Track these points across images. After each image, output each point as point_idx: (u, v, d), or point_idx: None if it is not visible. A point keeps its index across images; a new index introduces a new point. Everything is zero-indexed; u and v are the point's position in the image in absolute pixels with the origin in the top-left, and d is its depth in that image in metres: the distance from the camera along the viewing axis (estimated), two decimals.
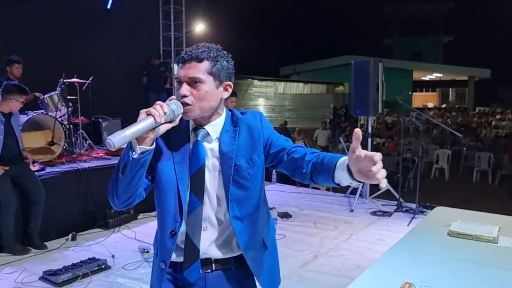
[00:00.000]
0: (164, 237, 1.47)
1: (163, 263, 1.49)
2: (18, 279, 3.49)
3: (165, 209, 1.46)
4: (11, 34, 6.09)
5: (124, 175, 1.32)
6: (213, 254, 1.50)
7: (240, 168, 1.46)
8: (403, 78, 25.99)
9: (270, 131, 1.54)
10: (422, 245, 2.09)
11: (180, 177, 1.44)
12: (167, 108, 1.30)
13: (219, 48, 1.44)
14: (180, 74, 1.39)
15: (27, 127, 4.91)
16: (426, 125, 16.45)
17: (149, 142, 1.30)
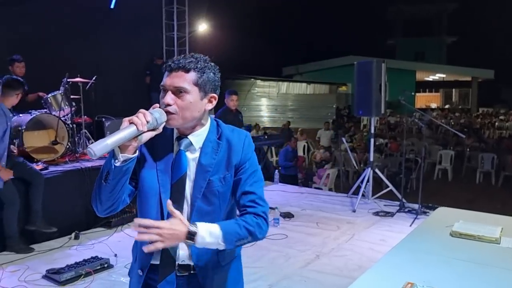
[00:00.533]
0: (144, 243, 1.42)
1: (141, 271, 1.49)
2: (21, 277, 3.50)
3: (146, 215, 1.44)
4: (16, 34, 6.11)
5: (107, 183, 1.33)
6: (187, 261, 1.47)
7: (212, 183, 1.45)
8: (406, 79, 25.94)
9: (249, 157, 1.50)
10: (424, 245, 2.09)
11: (163, 185, 1.44)
12: (150, 117, 1.30)
13: (206, 60, 1.44)
14: (166, 82, 1.40)
15: (30, 126, 4.93)
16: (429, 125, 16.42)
17: (132, 150, 1.31)
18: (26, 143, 4.84)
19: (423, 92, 34.95)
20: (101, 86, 6.20)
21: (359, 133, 14.19)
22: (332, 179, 8.44)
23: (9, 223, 3.99)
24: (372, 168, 6.10)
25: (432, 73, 32.68)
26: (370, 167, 6.09)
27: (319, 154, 10.27)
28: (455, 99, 35.11)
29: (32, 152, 4.90)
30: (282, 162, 8.55)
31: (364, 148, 10.81)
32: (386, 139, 12.55)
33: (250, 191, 1.47)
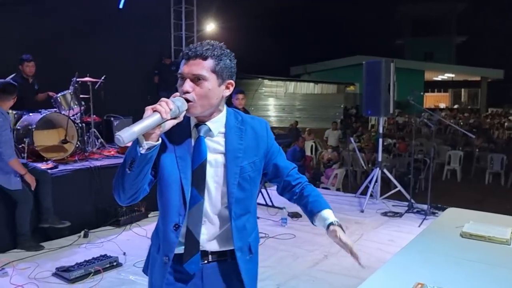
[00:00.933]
0: (168, 230, 1.49)
1: (166, 257, 1.51)
2: (31, 274, 3.54)
3: (169, 203, 1.48)
4: (26, 34, 6.17)
5: (131, 171, 1.34)
6: (210, 247, 1.53)
7: (244, 169, 1.50)
8: (415, 79, 25.77)
9: (272, 142, 1.62)
10: (434, 246, 2.08)
11: (183, 171, 1.46)
12: (172, 105, 1.32)
13: (222, 47, 1.45)
14: (184, 70, 1.41)
15: (40, 126, 4.97)
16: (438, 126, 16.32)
17: (155, 138, 1.33)
18: (36, 142, 4.89)
19: (432, 92, 34.71)
20: (110, 85, 6.24)
21: (367, 133, 14.13)
22: (340, 179, 8.42)
23: (22, 221, 4.03)
24: (381, 168, 6.07)
25: (441, 73, 32.45)
26: (378, 167, 6.07)
27: (327, 154, 10.24)
28: (464, 99, 34.83)
29: (42, 151, 4.95)
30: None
31: (372, 148, 10.76)
32: (394, 139, 12.47)
33: (291, 168, 1.66)
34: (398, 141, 11.74)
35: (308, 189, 1.65)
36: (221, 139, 1.50)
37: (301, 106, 22.22)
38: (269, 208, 5.52)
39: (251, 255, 1.59)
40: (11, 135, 4.01)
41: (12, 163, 3.90)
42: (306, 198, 1.63)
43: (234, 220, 1.50)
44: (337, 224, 1.54)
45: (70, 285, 3.37)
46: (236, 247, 1.53)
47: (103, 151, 5.87)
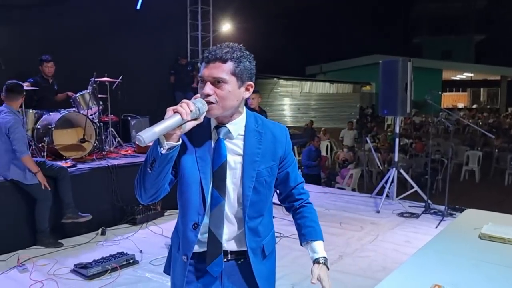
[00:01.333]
0: (186, 229, 1.51)
1: (185, 256, 1.53)
2: (50, 271, 3.61)
3: (188, 202, 1.50)
4: (46, 35, 6.28)
5: (152, 170, 1.37)
6: (229, 247, 1.55)
7: (260, 173, 1.52)
8: (433, 78, 25.43)
9: (290, 150, 1.64)
10: (452, 247, 2.06)
11: (203, 172, 1.48)
12: (193, 106, 1.34)
13: (242, 49, 1.46)
14: (204, 73, 1.42)
15: (60, 125, 5.06)
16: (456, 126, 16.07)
17: (176, 138, 1.35)
18: (56, 141, 4.98)
19: (450, 92, 34.20)
20: (127, 85, 6.31)
21: (383, 133, 14.00)
22: (355, 179, 8.36)
23: (41, 218, 4.11)
24: (397, 169, 6.02)
25: (459, 72, 31.94)
26: (394, 167, 6.01)
27: (342, 154, 10.19)
28: (483, 99, 34.23)
29: (61, 150, 5.04)
30: (305, 162, 8.51)
31: (388, 148, 10.67)
32: (411, 139, 12.33)
33: (299, 182, 1.69)
34: (415, 141, 11.61)
35: (307, 210, 1.69)
36: (240, 141, 1.52)
37: (317, 106, 22.15)
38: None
39: (265, 257, 1.60)
40: (24, 132, 4.11)
41: (25, 160, 3.99)
42: (303, 219, 1.68)
43: (247, 222, 1.53)
44: (322, 262, 1.59)
45: (88, 281, 3.43)
46: (249, 248, 1.55)
47: (120, 150, 5.95)
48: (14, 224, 4.11)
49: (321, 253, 1.61)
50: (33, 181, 4.05)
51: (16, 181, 4.03)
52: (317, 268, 1.57)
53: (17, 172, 4.01)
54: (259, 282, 1.57)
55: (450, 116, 14.84)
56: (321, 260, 1.59)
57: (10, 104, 4.09)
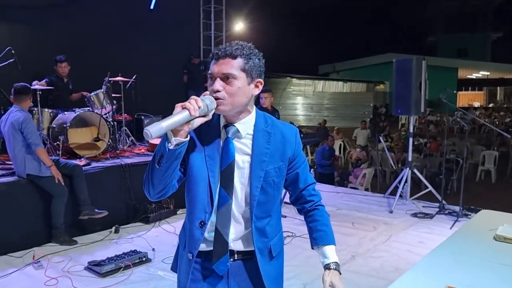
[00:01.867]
0: (193, 227, 1.52)
1: (190, 254, 1.54)
2: (65, 268, 3.66)
3: (195, 200, 1.51)
4: (61, 35, 6.38)
5: (160, 166, 1.38)
6: (236, 246, 1.55)
7: (268, 173, 1.51)
8: (448, 76, 25.10)
9: (300, 151, 1.62)
10: (466, 249, 2.03)
11: (211, 170, 1.48)
12: (201, 103, 1.35)
13: (251, 46, 1.48)
14: (214, 70, 1.43)
15: (74, 124, 5.13)
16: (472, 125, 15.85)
17: (184, 135, 1.36)
18: (71, 140, 5.05)
19: (466, 91, 33.70)
20: (140, 84, 6.38)
21: (397, 133, 13.87)
22: (368, 179, 8.30)
23: (56, 214, 4.17)
24: (411, 168, 5.95)
25: (475, 71, 31.45)
26: (408, 167, 5.95)
27: (355, 153, 10.12)
28: (500, 98, 33.65)
29: (76, 148, 5.11)
30: (319, 161, 8.48)
31: (402, 147, 10.56)
32: (425, 138, 12.19)
33: (310, 183, 1.66)
34: (429, 140, 11.48)
35: (319, 213, 1.67)
36: (248, 141, 1.51)
37: (330, 105, 22.06)
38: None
39: (272, 258, 1.60)
40: (35, 126, 4.19)
41: (39, 152, 4.07)
42: (315, 222, 1.66)
43: (254, 222, 1.52)
44: (334, 267, 1.57)
45: (102, 279, 3.47)
46: (256, 249, 1.54)
47: (133, 149, 6.00)
48: (30, 221, 4.17)
49: (332, 258, 1.59)
50: (47, 173, 4.13)
51: (32, 176, 4.10)
52: (328, 274, 1.55)
53: (33, 165, 4.09)
54: (266, 283, 1.56)
55: (466, 115, 14.64)
56: (332, 266, 1.57)
57: (20, 104, 4.19)
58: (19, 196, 4.11)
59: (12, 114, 4.13)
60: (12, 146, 4.11)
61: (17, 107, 4.17)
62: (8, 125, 4.11)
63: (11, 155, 4.17)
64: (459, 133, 15.78)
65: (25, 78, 5.32)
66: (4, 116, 4.27)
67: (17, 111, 4.12)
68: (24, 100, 4.21)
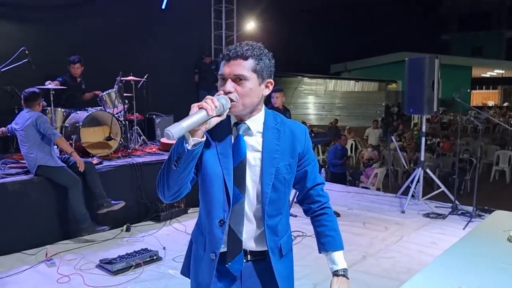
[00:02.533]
0: (213, 226, 1.50)
1: (213, 254, 1.52)
2: (77, 265, 3.70)
3: (213, 199, 1.50)
4: (73, 35, 6.43)
5: (177, 167, 1.37)
6: (249, 246, 1.54)
7: (279, 170, 1.51)
8: (461, 75, 24.79)
9: (309, 148, 1.61)
10: (479, 250, 2.00)
11: (225, 167, 1.48)
12: (217, 102, 1.35)
13: (261, 47, 1.47)
14: (225, 71, 1.43)
15: (87, 123, 5.18)
16: (486, 124, 15.63)
17: (201, 135, 1.35)
18: (83, 139, 5.10)
19: (480, 89, 33.23)
20: (152, 84, 6.41)
21: (409, 132, 13.75)
22: (380, 179, 8.24)
23: (77, 204, 4.20)
24: (423, 168, 5.89)
25: (489, 69, 30.98)
26: (420, 166, 5.89)
27: (367, 153, 10.05)
28: None
29: (88, 147, 5.15)
30: (331, 160, 8.44)
31: (414, 147, 10.47)
32: (438, 138, 12.06)
33: (319, 182, 1.64)
34: (442, 140, 11.36)
35: (327, 218, 1.65)
36: (259, 138, 1.51)
37: (341, 104, 21.95)
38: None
39: (282, 256, 1.59)
40: (47, 120, 4.30)
41: (59, 141, 4.21)
42: (323, 227, 1.65)
43: (267, 220, 1.52)
44: (342, 273, 1.57)
45: (113, 277, 3.50)
46: (269, 248, 1.54)
47: (145, 148, 6.04)
48: (43, 219, 4.23)
49: (340, 264, 1.59)
50: (58, 164, 4.21)
51: (43, 168, 4.17)
52: (336, 282, 1.55)
53: (43, 156, 4.18)
54: (280, 282, 1.56)
55: (480, 114, 14.44)
56: (340, 272, 1.57)
57: (29, 109, 4.31)
58: (33, 194, 4.17)
59: (23, 114, 4.26)
60: (25, 143, 4.21)
61: (27, 110, 4.29)
62: (21, 123, 4.21)
63: (24, 151, 4.25)
64: (473, 132, 15.59)
65: (38, 78, 5.40)
66: (17, 117, 4.37)
67: (28, 112, 4.25)
68: (33, 105, 4.31)
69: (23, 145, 4.25)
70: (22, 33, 6.08)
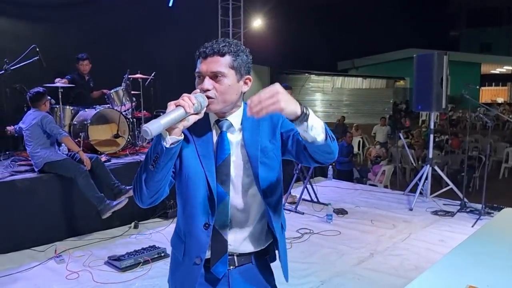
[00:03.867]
0: (197, 231, 1.46)
1: (198, 258, 1.47)
2: (85, 262, 3.74)
3: (195, 202, 1.46)
4: (81, 33, 6.48)
5: (155, 168, 1.34)
6: (237, 248, 1.51)
7: (266, 149, 1.47)
8: (470, 72, 24.54)
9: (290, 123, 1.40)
10: (488, 248, 1.98)
11: (208, 169, 1.44)
12: (195, 100, 1.33)
13: (238, 43, 1.45)
14: (202, 68, 1.42)
15: (95, 121, 5.21)
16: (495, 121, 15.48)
17: (178, 133, 1.33)
18: (91, 136, 5.13)
19: (489, 86, 32.91)
20: (159, 82, 6.43)
21: (417, 129, 13.65)
22: (387, 176, 8.19)
23: (90, 190, 4.22)
24: (431, 165, 5.85)
25: (499, 66, 30.65)
26: (429, 164, 5.85)
27: (374, 150, 9.99)
28: None
29: (96, 145, 5.19)
30: (338, 158, 8.41)
31: (422, 144, 10.39)
32: (446, 135, 11.96)
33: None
34: (451, 137, 11.27)
35: None
36: (240, 134, 1.49)
37: (349, 102, 21.83)
38: (314, 204, 5.48)
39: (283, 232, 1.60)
40: (53, 119, 4.35)
41: (66, 140, 4.26)
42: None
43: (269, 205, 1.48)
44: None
45: (121, 273, 3.53)
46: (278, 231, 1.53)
47: None
48: (52, 216, 4.27)
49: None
50: (61, 157, 4.27)
51: (50, 164, 4.22)
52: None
53: (47, 153, 4.24)
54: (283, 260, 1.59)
55: (489, 111, 14.31)
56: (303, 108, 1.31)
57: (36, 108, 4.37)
58: (42, 192, 4.21)
59: (30, 115, 4.33)
60: (30, 142, 4.27)
61: (34, 110, 4.36)
62: (28, 123, 4.27)
63: (29, 150, 4.32)
64: (482, 129, 15.44)
65: (47, 76, 5.44)
66: (24, 117, 4.44)
67: (35, 112, 4.32)
68: (38, 105, 4.37)
69: (28, 144, 4.32)
70: (30, 31, 6.12)
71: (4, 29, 5.95)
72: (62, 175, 4.30)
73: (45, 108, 4.45)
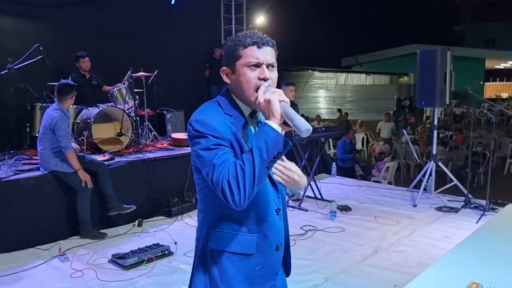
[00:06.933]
0: (273, 217, 1.46)
1: (279, 245, 1.48)
2: (90, 260, 3.75)
3: (267, 189, 1.46)
4: (83, 32, 6.48)
5: (271, 166, 1.30)
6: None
7: None
8: (474, 67, 24.41)
9: None
10: (492, 244, 1.97)
11: None
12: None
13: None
14: (261, 57, 1.39)
15: (98, 119, 5.22)
16: (500, 117, 15.40)
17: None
18: (94, 135, 5.14)
19: (493, 81, 32.70)
20: (162, 80, 6.43)
21: (421, 125, 13.59)
22: (391, 172, 8.17)
23: (82, 209, 4.25)
24: (435, 161, 5.83)
25: (503, 61, 30.44)
26: (433, 160, 5.83)
27: (378, 147, 9.97)
28: None
29: (99, 143, 5.20)
30: (340, 155, 8.40)
31: (426, 140, 10.35)
32: (451, 131, 11.91)
33: None
34: (455, 133, 11.21)
35: None
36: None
37: (352, 98, 21.78)
38: (318, 201, 5.47)
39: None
40: (68, 129, 4.25)
41: (69, 155, 4.16)
42: None
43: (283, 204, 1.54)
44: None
45: (125, 271, 3.54)
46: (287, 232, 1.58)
47: (156, 144, 6.07)
48: (57, 215, 4.28)
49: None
50: (69, 170, 4.21)
51: (57, 172, 4.21)
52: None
53: (58, 162, 4.19)
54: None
55: (493, 106, 14.23)
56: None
57: (60, 103, 4.25)
58: (46, 191, 4.22)
59: (49, 112, 4.20)
60: (43, 143, 4.20)
61: (58, 105, 4.23)
62: (44, 121, 4.21)
63: (40, 149, 4.25)
64: (486, 125, 15.36)
65: (49, 74, 5.46)
66: (46, 111, 4.34)
67: (55, 110, 4.18)
68: (64, 99, 4.25)
69: (41, 143, 4.22)
70: (32, 30, 6.12)
71: (8, 28, 5.95)
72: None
73: (71, 102, 4.35)
